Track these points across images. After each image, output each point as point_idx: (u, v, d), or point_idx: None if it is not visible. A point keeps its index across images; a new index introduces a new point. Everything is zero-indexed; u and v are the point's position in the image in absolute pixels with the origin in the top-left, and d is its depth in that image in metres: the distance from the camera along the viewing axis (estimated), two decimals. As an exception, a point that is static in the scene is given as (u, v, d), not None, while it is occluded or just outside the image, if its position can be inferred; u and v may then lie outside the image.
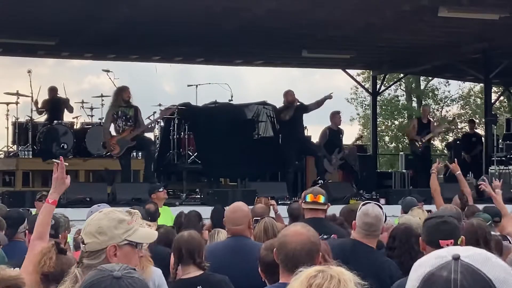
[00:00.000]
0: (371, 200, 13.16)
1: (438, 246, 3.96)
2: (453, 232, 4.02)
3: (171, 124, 15.59)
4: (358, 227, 5.05)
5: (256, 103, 16.54)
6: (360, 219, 5.04)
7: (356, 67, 23.57)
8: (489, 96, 18.70)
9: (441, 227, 4.04)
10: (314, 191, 6.15)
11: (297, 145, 14.80)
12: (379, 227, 5.08)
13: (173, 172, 16.13)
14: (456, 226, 4.07)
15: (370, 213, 5.04)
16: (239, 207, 5.54)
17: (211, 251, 5.27)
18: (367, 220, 5.01)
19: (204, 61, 20.03)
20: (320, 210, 6.14)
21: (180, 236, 4.99)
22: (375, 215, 5.04)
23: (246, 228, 5.43)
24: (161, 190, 10.06)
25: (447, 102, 38.88)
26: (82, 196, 11.75)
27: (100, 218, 3.08)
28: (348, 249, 4.99)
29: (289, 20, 14.49)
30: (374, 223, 5.02)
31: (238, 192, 13.19)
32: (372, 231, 5.03)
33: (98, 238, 3.05)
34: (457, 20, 13.89)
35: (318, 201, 5.98)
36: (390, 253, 6.02)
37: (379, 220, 5.07)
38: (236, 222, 5.40)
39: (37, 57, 19.21)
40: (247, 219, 5.45)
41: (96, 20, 14.42)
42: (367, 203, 5.17)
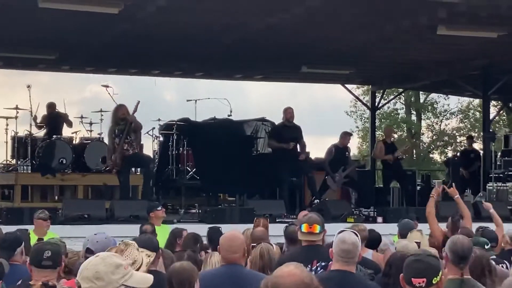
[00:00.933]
0: (369, 219, 13.25)
1: (410, 283, 4.04)
2: (426, 271, 4.06)
3: (170, 139, 15.62)
4: (335, 255, 5.11)
5: (255, 119, 16.57)
6: (338, 246, 5.11)
7: (356, 82, 23.63)
8: (487, 112, 18.73)
9: (414, 265, 4.12)
10: (310, 220, 6.02)
11: (290, 164, 14.71)
12: (356, 253, 5.14)
13: (172, 187, 16.14)
14: (430, 265, 4.12)
15: (347, 240, 5.11)
16: (234, 235, 5.53)
17: (206, 278, 5.26)
18: (344, 247, 5.09)
19: (204, 75, 20.07)
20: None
21: (172, 267, 4.97)
22: (352, 242, 5.12)
23: (241, 256, 5.43)
24: (159, 208, 10.05)
25: (446, 115, 38.91)
26: (80, 213, 11.74)
27: (97, 263, 3.09)
28: (338, 281, 5.02)
29: (289, 36, 14.53)
30: (351, 249, 5.10)
31: (235, 210, 13.17)
32: (350, 258, 5.09)
33: (96, 283, 3.05)
34: (456, 37, 13.93)
35: (313, 232, 5.95)
36: (386, 280, 6.03)
37: (356, 247, 5.14)
38: (231, 250, 5.40)
39: (37, 71, 19.23)
40: (242, 247, 5.45)
41: (96, 35, 14.46)
42: (343, 231, 5.22)
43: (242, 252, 5.43)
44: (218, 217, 12.39)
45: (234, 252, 5.38)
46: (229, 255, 5.41)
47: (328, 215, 13.32)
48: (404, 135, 38.88)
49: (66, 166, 15.13)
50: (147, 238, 5.40)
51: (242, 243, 5.47)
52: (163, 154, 16.02)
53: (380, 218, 13.23)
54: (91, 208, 12.18)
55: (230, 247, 5.40)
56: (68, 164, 15.12)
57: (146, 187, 13.58)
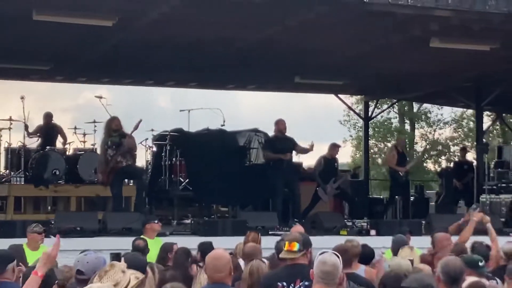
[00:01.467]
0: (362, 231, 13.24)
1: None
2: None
3: (163, 150, 15.61)
4: (316, 276, 5.09)
5: (248, 130, 16.57)
6: (318, 268, 5.09)
7: (349, 92, 23.65)
8: (480, 124, 18.78)
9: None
10: (290, 237, 6.01)
11: (284, 176, 14.70)
12: (337, 275, 5.09)
13: (165, 198, 16.12)
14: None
15: (328, 261, 5.08)
16: (220, 255, 5.54)
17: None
18: (325, 268, 5.06)
19: (197, 85, 20.11)
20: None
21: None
22: (332, 263, 5.08)
23: (227, 275, 5.43)
24: (156, 222, 10.09)
25: (440, 125, 38.96)
26: (73, 225, 11.72)
27: None
28: None
29: (282, 48, 14.56)
30: (331, 271, 5.07)
31: (228, 222, 13.16)
32: (330, 280, 5.06)
33: None
34: (449, 50, 13.97)
35: (291, 250, 5.89)
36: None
37: (336, 268, 5.10)
38: (217, 269, 5.41)
39: (31, 81, 19.21)
40: (228, 266, 5.45)
41: (90, 46, 14.50)
42: (324, 252, 5.19)
43: (228, 271, 5.43)
44: (210, 229, 12.40)
45: (220, 272, 5.39)
46: (214, 275, 5.42)
47: (320, 228, 13.35)
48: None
49: (59, 177, 15.10)
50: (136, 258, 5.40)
51: (227, 262, 5.48)
52: (156, 164, 16.00)
53: (373, 231, 13.24)
54: (84, 220, 12.17)
55: (215, 267, 5.41)
56: (61, 175, 15.10)
57: (139, 199, 13.58)
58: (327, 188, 15.51)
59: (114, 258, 5.33)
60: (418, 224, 13.77)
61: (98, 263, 5.27)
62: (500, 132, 34.79)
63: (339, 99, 21.66)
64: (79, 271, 5.19)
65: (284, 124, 14.87)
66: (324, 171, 15.57)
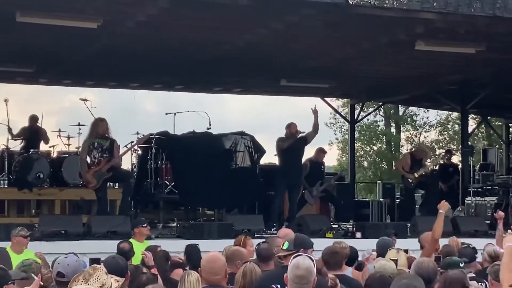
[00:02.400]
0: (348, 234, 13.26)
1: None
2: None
3: (149, 153, 15.55)
4: (290, 280, 5.04)
5: (234, 133, 16.52)
6: (292, 272, 5.03)
7: (335, 95, 23.70)
8: (465, 127, 18.82)
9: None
10: (286, 237, 6.06)
11: (289, 180, 14.68)
12: (310, 279, 5.04)
13: (150, 201, 16.08)
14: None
15: (301, 265, 5.02)
16: (216, 257, 5.55)
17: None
18: (298, 272, 5.01)
19: (183, 88, 20.05)
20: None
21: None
22: (306, 267, 5.02)
23: (223, 278, 5.43)
24: (145, 225, 10.09)
25: (426, 128, 39.09)
26: (57, 229, 11.64)
27: None
28: None
29: (268, 51, 14.53)
30: (305, 275, 5.02)
31: (214, 226, 13.12)
32: (304, 284, 5.02)
33: None
34: (434, 53, 13.99)
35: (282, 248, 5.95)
36: (366, 301, 6.04)
37: (310, 272, 5.05)
38: (213, 272, 5.39)
39: (15, 83, 19.10)
40: (224, 268, 5.46)
41: (74, 48, 14.41)
42: (299, 256, 5.16)
43: (224, 274, 5.43)
44: (196, 232, 12.36)
45: (216, 274, 5.39)
46: (211, 277, 5.41)
47: (307, 230, 13.30)
48: (384, 147, 39.03)
49: (43, 181, 15.02)
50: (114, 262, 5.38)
51: (223, 265, 5.49)
52: (142, 167, 15.96)
53: (359, 233, 13.23)
54: (68, 223, 12.08)
55: (211, 269, 5.41)
56: (45, 178, 15.02)
57: (124, 202, 13.50)
58: (313, 191, 15.50)
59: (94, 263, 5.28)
60: (404, 227, 13.79)
61: (78, 265, 5.25)
62: (485, 135, 34.93)
63: (325, 102, 21.67)
64: (59, 273, 5.18)
65: (296, 128, 14.68)
66: (311, 174, 15.56)
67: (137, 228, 10.02)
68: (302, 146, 14.86)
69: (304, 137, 14.82)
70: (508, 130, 24.71)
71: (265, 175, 16.02)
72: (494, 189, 18.72)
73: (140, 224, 10.12)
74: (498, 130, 27.05)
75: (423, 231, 13.93)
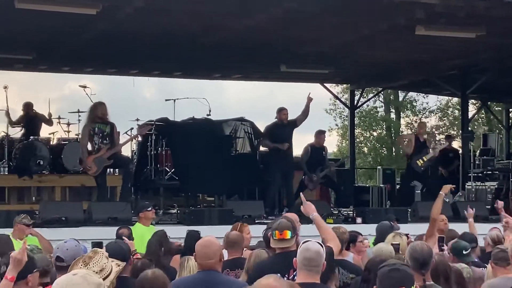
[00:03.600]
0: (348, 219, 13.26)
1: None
2: (403, 280, 4.02)
3: (149, 139, 15.52)
4: (299, 263, 5.08)
5: (233, 119, 16.50)
6: (301, 254, 5.09)
7: (335, 81, 23.65)
8: (466, 112, 18.78)
9: (392, 274, 4.06)
10: (280, 226, 5.87)
11: (282, 163, 14.68)
12: (320, 262, 5.09)
13: (150, 188, 16.05)
14: (407, 274, 4.10)
15: (311, 248, 5.09)
16: (210, 241, 5.50)
17: (181, 285, 5.22)
18: (307, 255, 5.06)
19: (182, 75, 20.02)
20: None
21: (144, 274, 4.93)
22: (315, 250, 5.09)
23: (217, 262, 5.40)
24: (149, 209, 10.01)
25: (426, 113, 39.07)
26: (58, 215, 11.63)
27: (79, 283, 3.04)
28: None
29: (267, 37, 14.49)
30: (314, 257, 5.06)
31: (214, 212, 13.12)
32: (313, 266, 5.05)
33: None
34: (435, 38, 13.94)
35: (285, 238, 5.82)
36: (365, 285, 6.02)
37: (320, 255, 5.10)
38: (207, 256, 5.37)
39: (14, 71, 19.07)
40: (219, 252, 5.42)
41: (73, 35, 14.34)
42: (308, 241, 5.21)
43: (218, 258, 5.40)
44: (197, 218, 12.36)
45: (210, 258, 5.36)
46: (204, 261, 5.39)
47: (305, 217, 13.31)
48: (384, 133, 39.02)
49: (43, 168, 15.00)
50: (117, 246, 5.36)
51: (218, 249, 5.44)
52: (142, 154, 15.93)
53: (359, 218, 13.24)
54: (69, 210, 12.08)
55: (205, 254, 5.37)
56: (46, 165, 15.00)
57: (124, 188, 13.49)
58: (313, 177, 15.48)
59: (95, 247, 5.27)
60: (404, 212, 13.79)
61: (77, 250, 5.25)
62: (485, 120, 34.91)
63: (325, 88, 21.63)
64: (58, 258, 5.17)
65: (286, 115, 14.75)
66: (312, 160, 15.52)
67: (142, 213, 9.92)
68: (291, 130, 14.87)
69: (293, 120, 14.84)
70: (508, 115, 24.69)
71: (265, 161, 16.01)
72: (494, 174, 18.72)
73: (145, 208, 10.01)
74: (498, 115, 27.04)
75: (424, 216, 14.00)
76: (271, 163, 14.94)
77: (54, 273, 5.23)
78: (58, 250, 5.24)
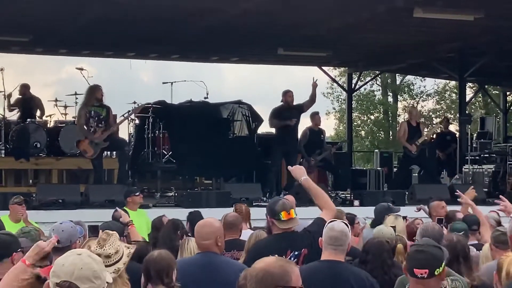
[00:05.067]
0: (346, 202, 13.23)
1: (412, 274, 3.98)
2: (428, 262, 4.00)
3: (146, 122, 15.48)
4: (324, 243, 5.11)
5: (231, 102, 16.45)
6: (326, 233, 5.13)
7: (332, 64, 23.59)
8: (463, 95, 18.77)
9: (417, 256, 4.05)
10: (285, 206, 5.73)
11: (286, 145, 14.66)
12: (345, 241, 5.13)
13: (148, 171, 16.04)
14: (433, 256, 4.06)
15: (336, 227, 5.14)
16: (208, 223, 5.48)
17: (180, 266, 5.21)
18: (333, 234, 5.10)
19: (180, 57, 19.97)
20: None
21: (150, 255, 4.94)
22: (340, 229, 5.14)
23: (214, 243, 5.37)
24: (137, 194, 9.98)
25: (423, 97, 39.06)
26: (55, 198, 11.62)
27: (88, 262, 3.01)
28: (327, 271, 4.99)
29: (265, 19, 14.43)
30: (339, 236, 5.10)
31: (212, 194, 13.11)
32: (338, 245, 5.08)
33: (95, 282, 2.99)
34: (432, 20, 13.90)
35: (292, 217, 5.70)
36: (363, 267, 6.03)
37: (345, 234, 5.13)
38: (205, 237, 5.36)
39: (11, 53, 18.99)
40: (215, 234, 5.38)
41: (70, 17, 14.29)
42: (333, 221, 5.26)
43: (215, 240, 5.36)
44: (194, 201, 12.35)
45: (207, 239, 5.34)
46: (202, 242, 5.37)
47: (305, 199, 13.22)
48: (381, 116, 39.01)
49: (40, 150, 14.95)
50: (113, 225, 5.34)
51: (215, 230, 5.40)
52: (139, 137, 15.89)
53: (357, 201, 13.24)
54: (66, 193, 12.07)
55: (203, 235, 5.36)
56: (43, 148, 14.95)
57: (121, 171, 13.46)
58: (311, 161, 15.46)
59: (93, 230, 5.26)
60: (402, 195, 13.80)
61: (73, 231, 5.22)
62: (482, 104, 34.90)
63: (323, 71, 21.59)
64: (54, 240, 5.13)
65: (292, 97, 14.70)
66: (310, 143, 15.49)
67: (129, 197, 9.92)
68: (298, 114, 14.83)
69: (300, 105, 14.80)
70: (506, 99, 24.68)
71: (263, 144, 15.99)
72: (491, 157, 18.73)
73: (132, 192, 10.02)
74: (495, 99, 27.03)
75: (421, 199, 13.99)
76: (274, 146, 14.90)
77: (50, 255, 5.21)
78: (53, 231, 5.22)
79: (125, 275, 4.38)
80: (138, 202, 9.97)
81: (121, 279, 4.33)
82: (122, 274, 4.36)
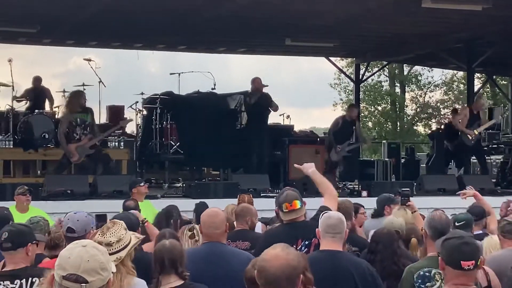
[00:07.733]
0: (354, 193, 13.26)
1: (458, 266, 3.93)
2: (474, 253, 3.99)
3: (154, 113, 15.51)
4: (322, 231, 5.12)
5: (238, 93, 16.44)
6: (324, 222, 5.14)
7: (340, 55, 23.54)
8: (471, 85, 18.68)
9: (463, 248, 3.98)
10: (288, 197, 5.73)
11: (261, 134, 14.78)
12: (342, 229, 5.14)
13: (155, 161, 16.07)
14: (476, 247, 4.06)
15: (332, 216, 5.18)
16: (215, 212, 5.49)
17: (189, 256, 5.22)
18: (330, 222, 5.12)
19: (187, 48, 19.97)
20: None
21: (162, 245, 4.92)
22: (338, 217, 5.17)
23: (222, 233, 5.39)
24: (142, 184, 9.98)
25: (430, 87, 38.95)
26: (63, 188, 11.66)
27: (95, 254, 3.00)
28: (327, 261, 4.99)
29: (272, 10, 14.41)
30: (337, 224, 5.12)
31: (220, 185, 13.14)
32: (336, 233, 5.09)
33: (102, 274, 2.99)
34: (441, 10, 13.84)
35: (295, 209, 5.71)
36: (373, 257, 6.03)
37: (342, 222, 5.15)
38: (212, 227, 5.36)
39: (18, 44, 19.01)
40: (222, 224, 5.40)
41: (77, 8, 14.28)
42: (329, 210, 5.34)
43: (223, 230, 5.38)
44: (202, 191, 12.38)
45: (214, 229, 5.35)
46: (209, 232, 5.38)
47: (312, 190, 13.21)
48: (388, 107, 38.93)
49: (48, 141, 14.96)
50: (126, 218, 5.33)
51: (222, 221, 5.42)
52: (147, 128, 15.93)
53: (365, 192, 13.23)
54: (74, 183, 12.12)
55: (210, 224, 5.37)
56: (51, 138, 14.96)
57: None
58: (337, 149, 15.52)
59: (99, 219, 5.25)
60: (410, 185, 13.77)
61: (88, 221, 5.23)
62: (490, 94, 34.79)
63: (330, 62, 21.55)
64: (69, 229, 5.14)
65: (260, 83, 15.04)
66: (340, 132, 15.65)
67: (135, 188, 9.92)
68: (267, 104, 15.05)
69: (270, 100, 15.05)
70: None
71: (270, 134, 15.98)
72: (500, 147, 18.68)
73: (137, 183, 10.00)
74: (504, 89, 26.93)
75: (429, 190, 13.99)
76: (251, 134, 15.13)
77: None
78: (68, 221, 5.20)
79: (129, 264, 4.37)
80: (144, 193, 9.95)
81: (125, 268, 4.32)
82: (127, 262, 4.35)
